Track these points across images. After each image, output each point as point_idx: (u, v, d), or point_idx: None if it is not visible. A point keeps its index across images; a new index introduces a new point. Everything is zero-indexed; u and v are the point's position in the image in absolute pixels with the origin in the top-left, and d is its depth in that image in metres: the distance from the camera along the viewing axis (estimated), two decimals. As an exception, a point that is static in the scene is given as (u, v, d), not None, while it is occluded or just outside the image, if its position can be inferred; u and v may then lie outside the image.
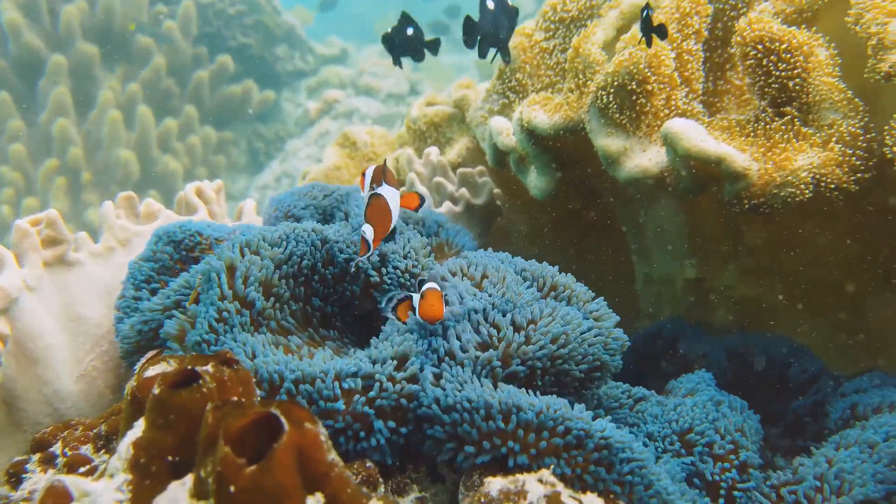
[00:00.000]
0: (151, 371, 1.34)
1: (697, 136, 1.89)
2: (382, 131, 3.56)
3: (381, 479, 1.55)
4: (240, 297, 1.51)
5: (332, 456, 1.07)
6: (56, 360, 2.02)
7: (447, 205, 2.75)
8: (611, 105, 2.08)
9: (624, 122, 2.09)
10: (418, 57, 1.96)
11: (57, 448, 1.75)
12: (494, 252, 1.89)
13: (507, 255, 1.84)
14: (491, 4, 1.84)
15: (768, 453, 1.86)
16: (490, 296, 1.59)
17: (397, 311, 1.54)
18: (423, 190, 2.75)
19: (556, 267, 1.78)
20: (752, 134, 1.97)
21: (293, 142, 7.54)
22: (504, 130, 2.50)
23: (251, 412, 1.05)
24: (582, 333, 1.54)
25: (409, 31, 1.91)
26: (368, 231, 1.53)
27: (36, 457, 1.73)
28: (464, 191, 2.77)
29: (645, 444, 1.61)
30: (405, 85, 7.86)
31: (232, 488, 0.98)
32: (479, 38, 1.85)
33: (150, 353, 1.80)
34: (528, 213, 2.82)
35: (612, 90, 2.07)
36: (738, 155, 1.86)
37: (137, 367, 1.75)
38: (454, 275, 1.68)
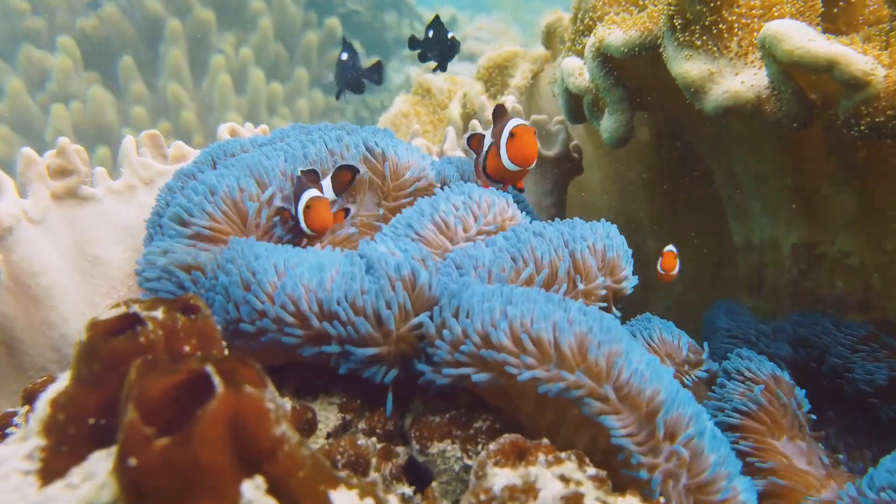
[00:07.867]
0: (106, 315, 1.12)
1: (803, 35, 1.45)
2: (464, 79, 3.22)
3: (373, 463, 1.30)
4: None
5: (283, 429, 0.82)
6: (63, 302, 1.87)
7: (512, 153, 2.40)
8: (687, 18, 1.65)
9: (706, 39, 1.66)
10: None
11: (45, 401, 1.60)
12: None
13: None
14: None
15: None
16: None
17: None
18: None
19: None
20: (882, 45, 1.49)
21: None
22: (576, 70, 2.11)
23: (184, 369, 0.82)
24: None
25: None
26: None
27: (24, 409, 1.58)
28: (532, 138, 2.41)
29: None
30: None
31: (132, 462, 0.74)
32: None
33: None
34: (610, 172, 2.41)
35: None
36: (858, 56, 1.41)
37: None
38: None
